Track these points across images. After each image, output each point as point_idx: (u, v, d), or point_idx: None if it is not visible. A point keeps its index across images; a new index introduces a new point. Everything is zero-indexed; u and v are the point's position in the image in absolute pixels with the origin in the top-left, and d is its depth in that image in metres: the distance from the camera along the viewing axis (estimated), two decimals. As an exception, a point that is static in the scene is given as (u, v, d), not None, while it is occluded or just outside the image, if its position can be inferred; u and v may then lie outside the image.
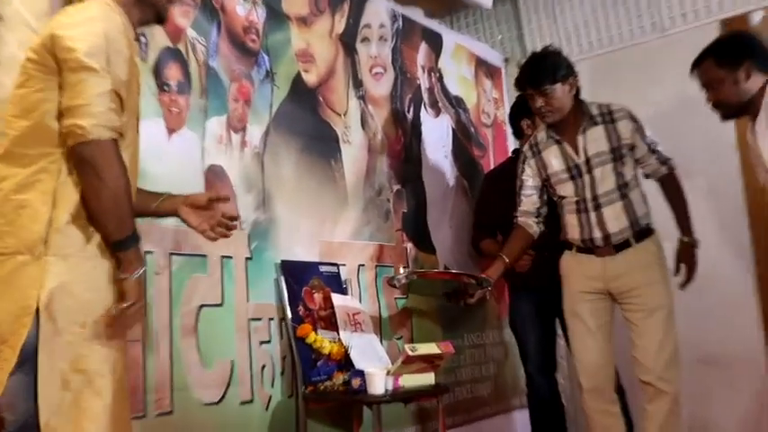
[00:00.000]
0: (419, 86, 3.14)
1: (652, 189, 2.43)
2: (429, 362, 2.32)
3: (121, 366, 1.44)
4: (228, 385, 2.17)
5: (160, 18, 1.59)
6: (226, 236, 1.67)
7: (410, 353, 2.23)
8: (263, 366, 2.30)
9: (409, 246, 2.97)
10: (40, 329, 1.34)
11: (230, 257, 2.25)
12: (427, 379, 2.36)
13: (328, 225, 2.63)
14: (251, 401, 2.23)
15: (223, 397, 2.15)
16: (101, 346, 1.40)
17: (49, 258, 1.37)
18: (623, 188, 2.32)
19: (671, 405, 2.22)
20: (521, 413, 3.27)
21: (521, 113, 2.88)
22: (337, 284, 2.56)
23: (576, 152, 2.34)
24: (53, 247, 1.37)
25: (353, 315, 2.50)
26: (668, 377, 2.22)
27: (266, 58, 2.48)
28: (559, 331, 2.87)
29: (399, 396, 2.26)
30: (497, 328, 3.39)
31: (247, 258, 2.31)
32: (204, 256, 2.17)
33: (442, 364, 2.39)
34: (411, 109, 3.07)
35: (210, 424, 2.08)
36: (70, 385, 1.36)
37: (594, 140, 2.32)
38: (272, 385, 2.32)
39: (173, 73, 2.15)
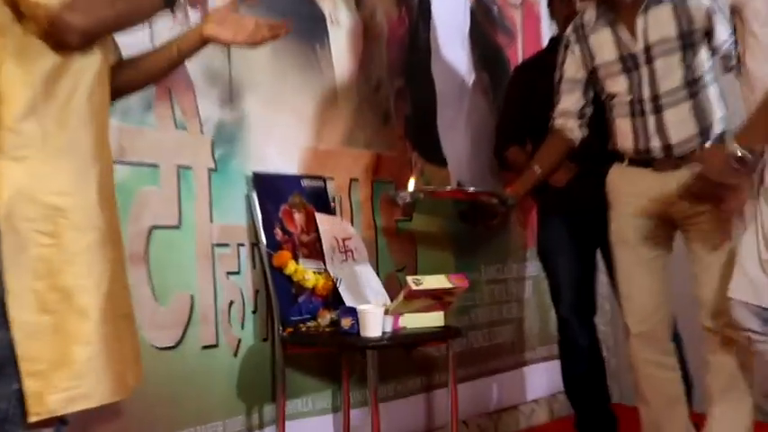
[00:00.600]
0: (428, -47, 3.09)
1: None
2: (437, 298, 2.30)
3: (110, 278, 1.47)
4: (187, 326, 2.19)
5: None
6: (275, 36, 1.70)
7: (414, 287, 2.21)
8: (231, 303, 2.31)
9: (414, 156, 2.97)
10: (2, 245, 1.37)
11: (189, 168, 2.24)
12: (435, 320, 2.34)
13: (312, 128, 2.63)
14: (215, 346, 2.26)
15: (181, 340, 2.17)
16: (80, 257, 1.42)
17: (1, 163, 1.39)
18: (693, 85, 2.21)
19: (741, 357, 2.17)
20: (549, 365, 3.34)
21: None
22: (323, 203, 2.57)
23: (634, 37, 2.23)
24: (5, 149, 1.39)
25: (343, 241, 2.51)
26: None
27: None
28: (601, 266, 2.85)
29: (400, 340, 2.27)
30: (522, 260, 3.40)
31: (210, 169, 2.30)
32: (155, 165, 2.15)
33: (453, 302, 2.38)
34: (418, -18, 3.04)
35: (164, 372, 2.09)
36: (48, 306, 1.40)
37: (658, 23, 2.21)
38: (242, 326, 2.33)
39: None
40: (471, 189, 2.46)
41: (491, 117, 3.24)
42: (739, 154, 1.86)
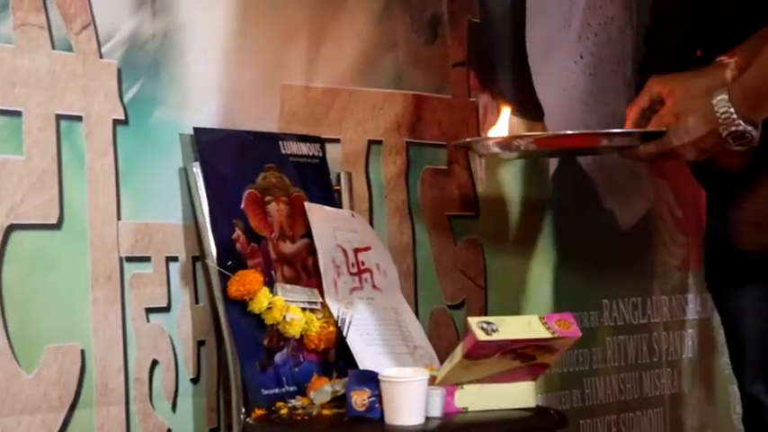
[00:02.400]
0: None
1: None
2: (525, 357, 2.30)
3: None
4: (74, 407, 2.18)
5: None
6: None
7: (482, 336, 2.19)
8: (154, 364, 2.31)
9: (484, 100, 2.96)
10: None
11: (77, 119, 2.23)
12: (521, 396, 2.35)
13: (301, 50, 2.62)
14: (126, 441, 2.27)
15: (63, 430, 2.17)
16: None
17: None
18: None
19: None
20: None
21: None
22: (320, 184, 2.60)
23: None
24: None
25: (356, 253, 2.52)
26: None
27: None
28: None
29: (457, 434, 2.28)
30: (679, 291, 3.49)
31: (117, 122, 2.30)
32: (15, 114, 2.16)
33: (553, 365, 2.41)
34: None
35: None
36: None
37: None
38: (174, 407, 2.34)
39: None
40: (607, 131, 2.48)
41: (627, 31, 3.33)
42: (739, 128, 2.13)
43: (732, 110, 2.24)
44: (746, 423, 2.84)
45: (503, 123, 2.54)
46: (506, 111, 2.61)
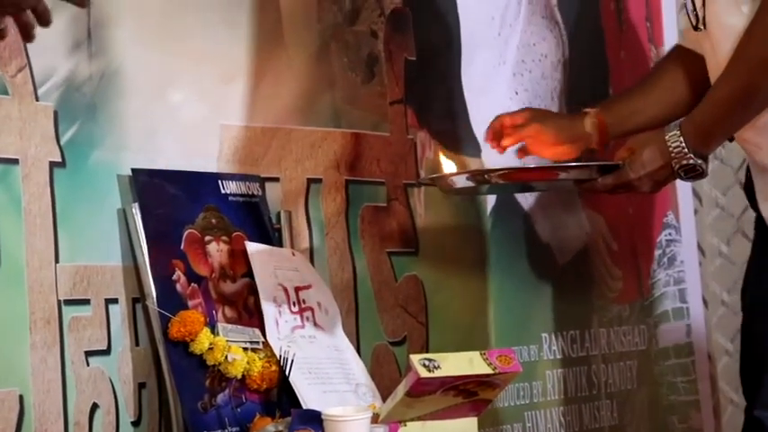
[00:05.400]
0: None
1: None
2: (467, 393, 2.28)
3: None
4: None
5: None
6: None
7: (424, 373, 2.19)
8: (95, 408, 2.27)
9: (421, 137, 3.01)
10: None
11: (13, 162, 2.21)
12: (463, 431, 2.34)
13: (240, 91, 2.63)
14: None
15: (0, 479, 2.17)
16: None
17: None
18: None
19: None
20: None
21: None
22: (260, 223, 2.58)
23: None
24: None
25: (297, 292, 2.51)
26: None
27: None
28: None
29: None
30: (617, 323, 3.56)
31: (54, 164, 2.27)
32: None
33: (494, 400, 2.39)
34: None
35: None
36: None
37: None
38: None
39: None
40: (572, 163, 2.58)
41: (560, 68, 3.40)
42: (690, 162, 2.26)
43: (684, 144, 2.33)
44: None
45: (444, 164, 2.58)
46: (443, 157, 2.65)
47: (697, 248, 3.88)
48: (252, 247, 2.45)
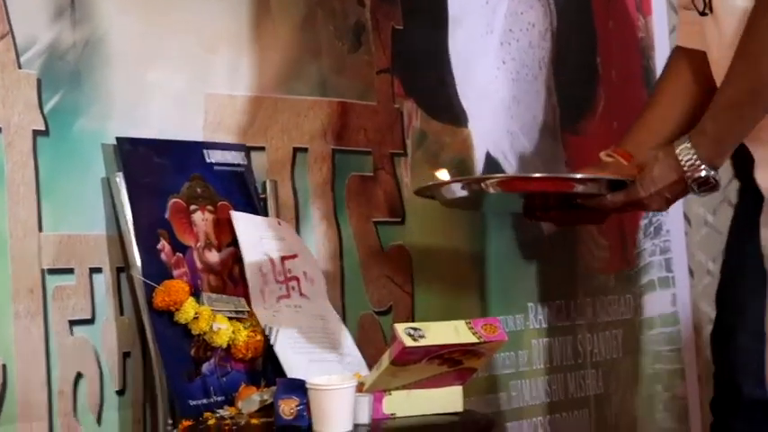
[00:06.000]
0: None
1: None
2: (452, 362, 2.27)
3: None
4: None
5: None
6: None
7: (409, 342, 2.17)
8: (79, 377, 2.28)
9: (408, 106, 3.00)
10: None
11: None
12: (448, 401, 2.33)
13: (225, 59, 2.63)
14: (49, 456, 2.27)
15: (-17, 451, 2.16)
16: None
17: None
18: None
19: None
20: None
21: None
22: (245, 192, 2.59)
23: None
24: None
25: (283, 262, 2.51)
26: None
27: None
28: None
29: (386, 440, 2.33)
30: (602, 291, 3.56)
31: (37, 132, 2.27)
32: None
33: (479, 369, 2.41)
34: None
35: None
36: None
37: None
38: (99, 420, 2.30)
39: None
40: (579, 175, 2.50)
41: (548, 37, 3.41)
42: (703, 174, 2.20)
43: (696, 156, 2.28)
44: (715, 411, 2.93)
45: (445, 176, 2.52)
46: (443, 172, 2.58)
47: (683, 218, 3.88)
48: (237, 217, 2.45)
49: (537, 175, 2.73)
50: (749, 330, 2.88)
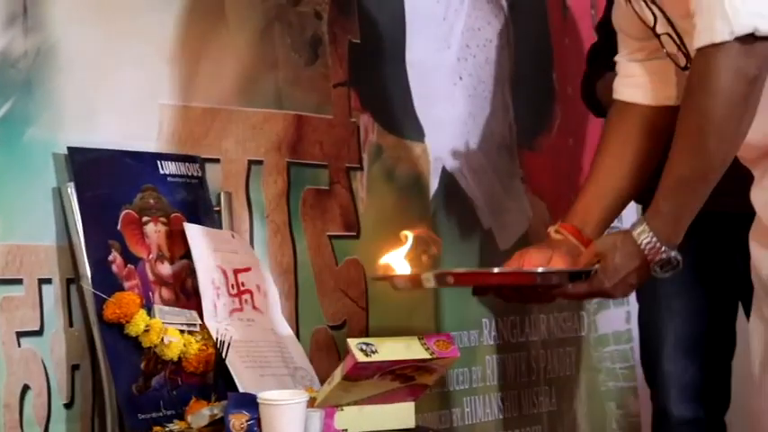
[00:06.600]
0: None
1: None
2: (404, 378, 2.28)
3: None
4: None
5: None
6: None
7: (362, 357, 2.18)
8: (25, 390, 2.27)
9: (364, 120, 3.03)
10: None
11: None
12: (400, 417, 2.34)
13: (180, 70, 2.63)
14: (-6, 473, 2.24)
15: (-76, 464, 2.15)
16: None
17: None
18: None
19: None
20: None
21: None
22: (200, 204, 2.59)
23: None
24: None
25: (236, 274, 2.52)
26: None
27: None
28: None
29: (336, 457, 2.29)
30: (558, 309, 3.57)
31: None
32: None
33: (431, 385, 2.39)
34: None
35: None
36: None
37: None
38: (46, 431, 2.29)
39: None
40: (540, 269, 2.46)
41: (505, 54, 3.41)
42: (664, 257, 2.14)
43: (655, 239, 2.25)
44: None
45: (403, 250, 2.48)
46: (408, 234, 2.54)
47: (638, 237, 3.92)
48: (191, 229, 2.44)
49: (497, 270, 2.68)
50: (670, 353, 2.97)
